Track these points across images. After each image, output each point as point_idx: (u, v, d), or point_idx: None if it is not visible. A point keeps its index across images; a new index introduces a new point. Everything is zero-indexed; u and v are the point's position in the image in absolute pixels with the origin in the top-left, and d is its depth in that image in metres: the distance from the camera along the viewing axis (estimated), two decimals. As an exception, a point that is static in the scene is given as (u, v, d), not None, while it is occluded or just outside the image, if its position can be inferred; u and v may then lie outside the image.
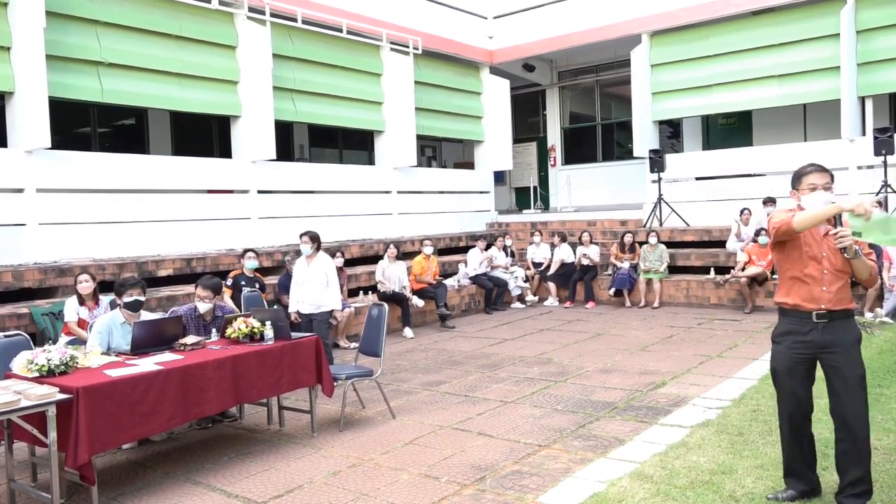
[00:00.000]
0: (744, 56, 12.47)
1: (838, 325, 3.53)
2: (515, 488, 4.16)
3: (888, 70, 11.18)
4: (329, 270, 7.02)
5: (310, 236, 7.05)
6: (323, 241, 11.21)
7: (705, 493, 3.85)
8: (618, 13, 13.60)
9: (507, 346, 8.70)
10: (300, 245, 7.14)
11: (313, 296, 6.99)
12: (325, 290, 6.98)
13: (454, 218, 14.19)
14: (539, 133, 17.97)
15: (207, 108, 10.22)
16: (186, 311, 5.68)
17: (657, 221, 12.67)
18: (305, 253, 7.09)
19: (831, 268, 3.53)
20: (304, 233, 7.10)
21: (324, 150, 15.73)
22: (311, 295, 7.00)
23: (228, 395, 4.80)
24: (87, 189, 8.83)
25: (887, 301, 8.88)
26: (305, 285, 7.07)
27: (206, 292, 5.65)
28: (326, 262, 7.09)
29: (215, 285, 5.78)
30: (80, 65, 8.74)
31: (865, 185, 11.00)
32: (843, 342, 3.52)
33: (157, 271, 8.76)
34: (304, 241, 7.04)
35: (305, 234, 7.07)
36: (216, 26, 10.16)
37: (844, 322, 3.55)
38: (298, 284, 7.15)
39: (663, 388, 6.30)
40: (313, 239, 7.04)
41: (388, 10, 12.74)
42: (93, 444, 3.98)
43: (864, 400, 3.51)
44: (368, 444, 5.14)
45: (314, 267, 7.04)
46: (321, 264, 7.05)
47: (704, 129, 15.32)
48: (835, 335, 3.52)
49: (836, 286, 3.53)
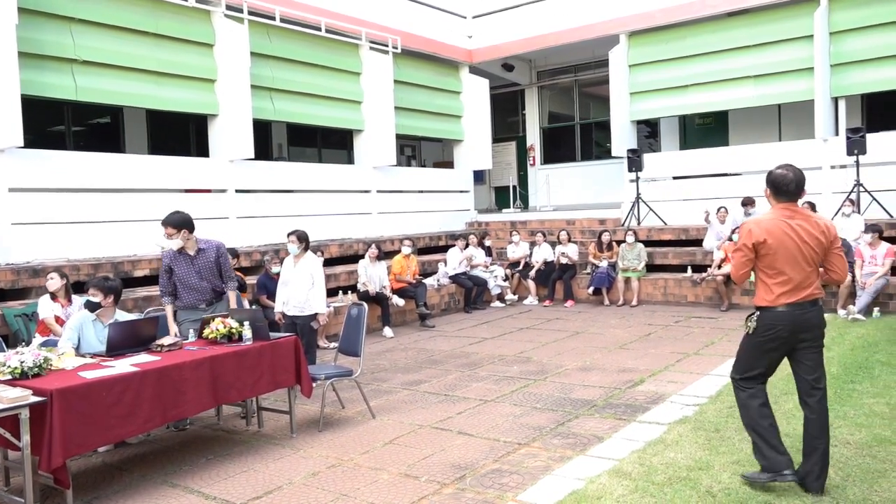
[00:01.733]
0: (720, 57, 12.62)
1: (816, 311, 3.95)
2: (495, 487, 4.17)
3: (860, 71, 11.38)
4: (315, 272, 6.86)
5: (297, 235, 6.89)
6: (302, 240, 11.28)
7: (682, 489, 3.90)
8: (596, 13, 13.69)
9: (486, 344, 8.72)
10: (287, 244, 6.98)
11: (297, 297, 6.79)
12: (310, 292, 6.81)
13: (434, 217, 14.19)
14: (518, 132, 18.03)
15: (184, 106, 10.11)
16: (168, 255, 5.67)
17: (635, 220, 12.77)
18: (293, 252, 6.92)
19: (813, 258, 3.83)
20: (291, 232, 6.94)
21: (303, 149, 15.65)
22: (296, 296, 6.80)
23: (206, 397, 4.76)
24: (62, 188, 8.70)
25: (859, 298, 9.04)
26: (290, 286, 6.90)
27: (170, 229, 5.61)
28: (313, 263, 6.93)
29: (177, 220, 5.66)
30: (54, 62, 8.61)
31: (838, 185, 11.19)
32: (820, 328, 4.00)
33: (134, 272, 8.66)
34: (292, 241, 6.88)
35: (293, 234, 6.91)
36: (193, 24, 10.06)
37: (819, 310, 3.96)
38: (284, 285, 6.99)
39: (641, 385, 6.36)
40: (301, 238, 6.89)
41: (367, 9, 12.70)
42: (67, 447, 3.92)
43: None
44: (348, 444, 5.13)
45: (300, 267, 6.88)
46: (307, 265, 6.88)
47: (681, 129, 15.47)
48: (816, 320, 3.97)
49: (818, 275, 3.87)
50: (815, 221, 3.82)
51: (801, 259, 3.74)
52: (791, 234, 3.73)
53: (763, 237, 3.73)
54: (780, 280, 3.76)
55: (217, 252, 6.01)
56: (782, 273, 3.75)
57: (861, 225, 9.82)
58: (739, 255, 3.86)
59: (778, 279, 3.76)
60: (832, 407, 5.24)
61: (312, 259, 6.99)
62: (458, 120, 15.08)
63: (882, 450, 4.34)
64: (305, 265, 6.87)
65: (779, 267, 3.74)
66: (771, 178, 3.85)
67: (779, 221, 3.76)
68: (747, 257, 3.81)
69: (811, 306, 3.82)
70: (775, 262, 3.74)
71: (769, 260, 3.76)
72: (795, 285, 3.76)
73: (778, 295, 3.77)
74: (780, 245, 3.73)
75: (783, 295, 3.76)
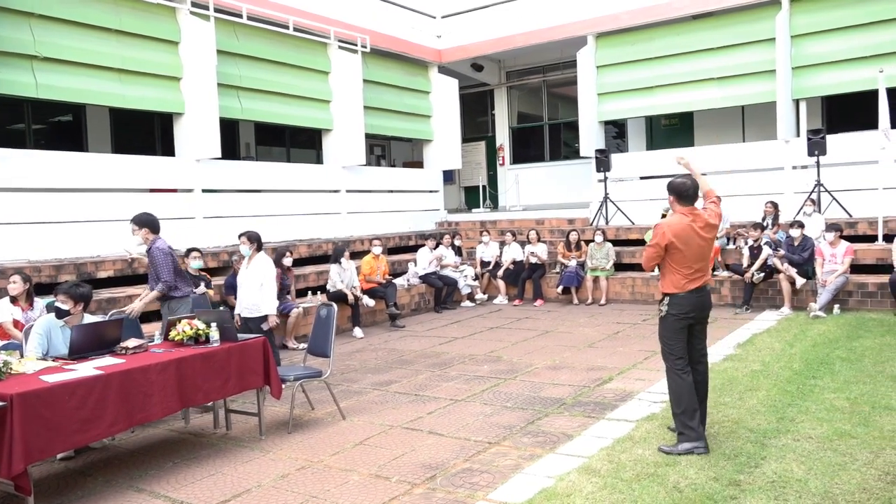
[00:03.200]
0: (685, 59, 12.81)
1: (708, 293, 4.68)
2: (466, 486, 4.18)
3: (820, 74, 11.64)
4: (265, 273, 6.71)
5: (248, 236, 6.79)
6: (270, 240, 11.19)
7: (650, 485, 3.95)
8: (564, 15, 13.80)
9: (456, 344, 8.73)
10: (239, 246, 6.92)
11: (249, 299, 6.73)
12: (259, 293, 6.67)
13: (403, 217, 14.17)
14: (487, 132, 18.09)
15: (149, 104, 9.94)
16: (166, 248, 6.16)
17: (603, 220, 12.90)
18: (244, 254, 6.86)
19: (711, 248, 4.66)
20: (242, 233, 6.83)
21: (271, 148, 15.50)
22: (247, 298, 6.75)
23: (173, 399, 4.68)
24: (22, 188, 8.48)
25: (820, 296, 9.24)
26: (243, 287, 6.87)
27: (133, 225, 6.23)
28: (263, 264, 6.78)
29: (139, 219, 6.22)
30: (13, 59, 8.39)
31: (800, 185, 11.43)
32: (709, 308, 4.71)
33: (97, 273, 8.49)
34: (243, 242, 6.80)
35: (244, 235, 6.81)
36: (158, 21, 9.89)
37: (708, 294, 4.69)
38: (239, 287, 6.97)
39: (610, 383, 6.42)
40: (251, 239, 6.78)
41: (335, 8, 12.62)
42: (29, 453, 3.83)
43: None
44: (318, 445, 5.10)
45: (251, 268, 6.80)
46: (257, 266, 6.76)
47: (648, 130, 15.67)
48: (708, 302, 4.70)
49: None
50: (705, 218, 4.60)
51: (701, 253, 4.55)
52: (694, 234, 4.51)
53: (672, 239, 4.48)
54: (686, 272, 4.51)
55: (151, 252, 6.21)
56: (689, 266, 4.51)
57: (822, 224, 10.05)
58: (652, 251, 4.57)
59: (685, 271, 4.51)
60: (795, 402, 5.38)
61: (263, 260, 6.87)
62: (428, 120, 15.08)
63: (842, 443, 4.45)
64: (255, 266, 6.78)
65: (686, 262, 4.50)
66: (674, 187, 4.64)
67: (685, 224, 4.52)
68: (658, 254, 4.56)
69: (705, 290, 4.62)
70: (684, 258, 4.50)
71: (678, 256, 4.50)
72: (698, 275, 4.54)
73: (685, 283, 4.52)
74: (686, 244, 4.48)
75: (689, 283, 4.52)
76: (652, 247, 4.57)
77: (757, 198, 11.34)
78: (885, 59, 10.82)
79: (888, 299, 9.24)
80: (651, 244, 4.58)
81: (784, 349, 7.25)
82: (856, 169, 11.07)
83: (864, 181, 10.79)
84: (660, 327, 4.68)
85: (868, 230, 10.45)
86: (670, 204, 4.70)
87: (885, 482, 3.85)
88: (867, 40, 11.15)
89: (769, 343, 7.60)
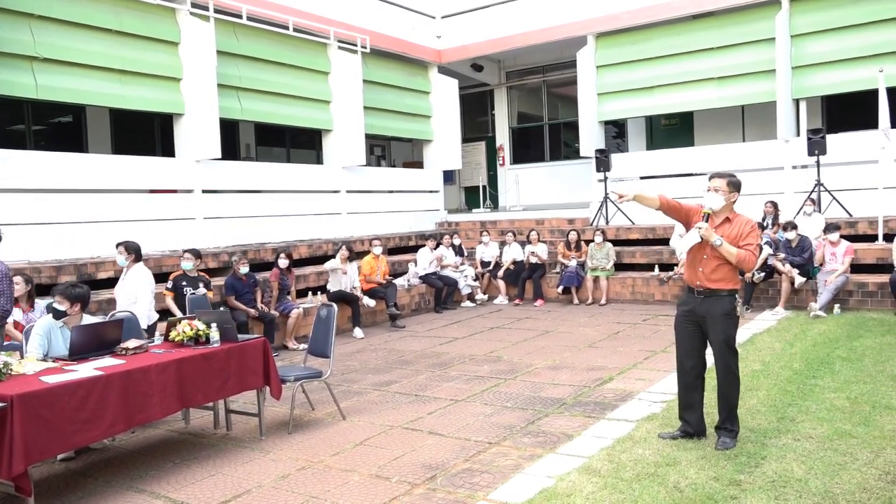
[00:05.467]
0: (685, 59, 12.82)
1: (712, 301, 4.48)
2: (466, 486, 4.18)
3: (820, 73, 11.64)
4: (141, 286, 6.29)
5: (126, 246, 6.39)
6: (271, 241, 11.19)
7: (651, 485, 3.95)
8: (564, 15, 13.80)
9: (457, 344, 8.73)
10: (116, 256, 6.45)
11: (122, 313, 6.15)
12: (133, 308, 6.24)
13: (403, 217, 14.17)
14: (488, 132, 18.09)
15: (149, 105, 9.95)
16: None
17: (604, 220, 12.90)
18: (121, 264, 6.46)
19: (711, 254, 4.47)
20: (120, 242, 6.42)
21: (271, 149, 15.51)
22: (123, 311, 6.23)
23: (173, 400, 4.68)
24: (22, 189, 8.49)
25: (820, 296, 9.24)
26: (117, 299, 6.44)
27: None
28: (141, 276, 6.36)
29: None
30: (13, 59, 8.40)
31: (800, 184, 11.43)
32: (713, 314, 4.47)
33: (98, 274, 8.48)
34: (120, 252, 6.39)
35: (122, 245, 6.38)
36: (157, 22, 9.90)
37: (717, 299, 4.47)
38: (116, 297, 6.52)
39: (610, 383, 6.42)
40: (129, 249, 6.39)
41: (335, 8, 12.63)
42: (29, 454, 3.83)
43: (726, 358, 4.49)
44: (318, 445, 5.10)
45: (128, 280, 6.40)
46: (134, 278, 6.35)
47: (648, 130, 15.67)
48: (707, 308, 4.49)
49: (711, 268, 4.47)
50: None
51: None
52: None
53: None
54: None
55: None
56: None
57: (822, 224, 10.05)
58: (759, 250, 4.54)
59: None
60: (795, 402, 5.37)
61: (141, 272, 6.45)
62: (428, 120, 15.08)
63: (843, 443, 4.45)
64: (133, 279, 6.38)
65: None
66: (737, 182, 4.64)
67: None
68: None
69: None
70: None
71: None
72: None
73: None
74: None
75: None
76: (759, 245, 4.54)
77: (757, 197, 11.32)
78: (884, 58, 10.82)
79: (888, 299, 9.24)
80: (759, 243, 4.52)
81: (784, 349, 7.25)
82: (856, 169, 11.07)
83: (864, 181, 10.79)
84: (734, 328, 4.52)
85: (868, 230, 10.45)
86: (731, 199, 4.55)
87: (885, 482, 3.85)
88: (867, 40, 11.15)
89: (769, 343, 7.60)
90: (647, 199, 4.53)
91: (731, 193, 4.53)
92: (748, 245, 4.41)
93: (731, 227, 4.50)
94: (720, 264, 4.45)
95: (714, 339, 4.51)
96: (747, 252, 4.39)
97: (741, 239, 4.43)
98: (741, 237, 4.44)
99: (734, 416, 4.51)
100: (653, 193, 4.58)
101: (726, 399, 4.52)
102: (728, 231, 4.48)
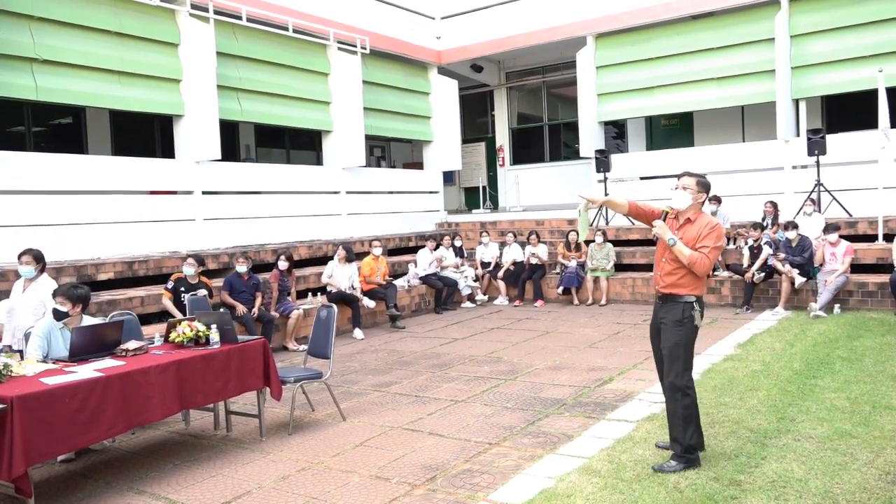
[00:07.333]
0: (685, 59, 12.83)
1: (668, 306, 4.27)
2: (466, 487, 4.18)
3: (820, 73, 11.65)
4: (48, 297, 5.44)
5: (34, 255, 5.73)
6: (270, 242, 11.19)
7: (651, 486, 3.94)
8: (563, 15, 13.81)
9: (457, 345, 8.73)
10: (19, 266, 5.75)
11: (25, 328, 5.48)
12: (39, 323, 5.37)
13: (403, 218, 14.17)
14: (487, 133, 18.09)
15: (149, 106, 9.95)
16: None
17: (604, 220, 12.90)
18: (27, 275, 5.75)
19: (668, 256, 4.26)
20: (25, 251, 5.75)
21: (271, 150, 15.51)
22: (24, 327, 5.53)
23: (173, 401, 4.68)
24: (22, 190, 8.49)
25: (820, 296, 9.24)
26: (16, 314, 5.74)
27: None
28: (49, 286, 5.64)
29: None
30: (13, 61, 8.41)
31: (799, 184, 11.43)
32: (666, 320, 4.26)
33: (98, 275, 8.49)
34: (27, 262, 5.69)
35: (27, 253, 5.72)
36: (157, 23, 9.90)
37: (672, 304, 4.24)
38: (10, 313, 5.79)
39: (610, 383, 6.42)
40: (38, 259, 5.75)
41: (335, 9, 12.63)
42: (29, 455, 3.83)
43: (671, 369, 4.23)
44: (318, 447, 5.09)
45: (30, 292, 5.74)
46: (39, 290, 5.71)
47: (648, 130, 15.68)
48: (663, 313, 4.29)
49: (666, 271, 4.26)
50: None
51: None
52: None
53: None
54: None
55: None
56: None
57: (822, 224, 10.05)
58: (717, 253, 4.21)
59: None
60: (795, 402, 5.37)
61: (47, 284, 5.77)
62: (428, 121, 15.08)
63: (843, 443, 4.45)
64: (38, 291, 5.75)
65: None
66: (706, 183, 4.36)
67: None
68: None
69: None
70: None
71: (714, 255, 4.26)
72: None
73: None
74: None
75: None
76: (718, 248, 4.19)
77: (757, 198, 11.35)
78: (884, 58, 10.83)
79: (888, 299, 9.23)
80: (717, 246, 4.17)
81: (784, 349, 7.25)
82: (856, 169, 11.08)
83: (864, 181, 10.80)
84: (683, 338, 4.20)
85: (868, 230, 10.45)
86: (698, 199, 4.27)
87: (885, 482, 3.84)
88: (867, 40, 11.16)
89: (769, 343, 7.60)
90: (616, 204, 4.45)
91: (699, 193, 4.26)
92: (703, 247, 4.13)
93: (692, 227, 4.23)
94: (676, 267, 4.20)
95: (662, 346, 4.28)
96: (700, 255, 4.11)
97: (699, 240, 4.16)
98: (699, 238, 4.16)
99: (681, 440, 4.16)
100: (622, 199, 4.45)
101: (670, 416, 4.25)
102: (687, 232, 4.22)
